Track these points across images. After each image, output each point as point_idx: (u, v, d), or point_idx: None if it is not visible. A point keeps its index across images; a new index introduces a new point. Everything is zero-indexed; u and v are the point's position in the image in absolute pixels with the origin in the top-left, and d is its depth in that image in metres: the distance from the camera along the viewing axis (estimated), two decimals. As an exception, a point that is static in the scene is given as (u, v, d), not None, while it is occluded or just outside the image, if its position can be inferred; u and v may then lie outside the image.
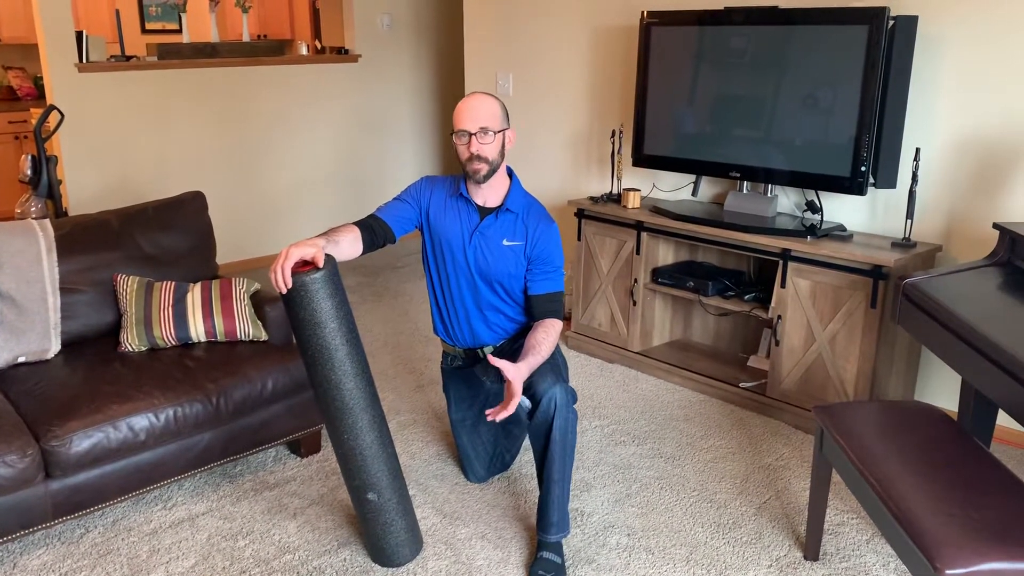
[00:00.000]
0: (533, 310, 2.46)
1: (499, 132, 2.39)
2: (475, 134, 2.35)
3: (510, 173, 2.53)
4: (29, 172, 3.98)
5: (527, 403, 2.84)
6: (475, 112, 2.36)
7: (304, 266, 2.07)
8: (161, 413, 2.50)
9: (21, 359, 2.69)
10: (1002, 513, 1.79)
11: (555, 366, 2.41)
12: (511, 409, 2.17)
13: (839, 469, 2.17)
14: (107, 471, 2.45)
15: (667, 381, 3.65)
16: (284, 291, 2.06)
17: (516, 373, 2.17)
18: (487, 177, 2.41)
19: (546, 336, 2.34)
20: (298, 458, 2.96)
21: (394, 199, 2.54)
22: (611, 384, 3.63)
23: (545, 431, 2.29)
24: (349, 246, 2.33)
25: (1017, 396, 1.95)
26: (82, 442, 2.35)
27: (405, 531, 2.31)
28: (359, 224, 2.40)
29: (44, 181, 4.01)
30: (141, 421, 2.46)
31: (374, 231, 2.42)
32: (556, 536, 2.33)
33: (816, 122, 3.16)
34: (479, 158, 2.37)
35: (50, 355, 2.74)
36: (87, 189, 4.72)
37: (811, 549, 2.38)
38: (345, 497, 2.70)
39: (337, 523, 2.57)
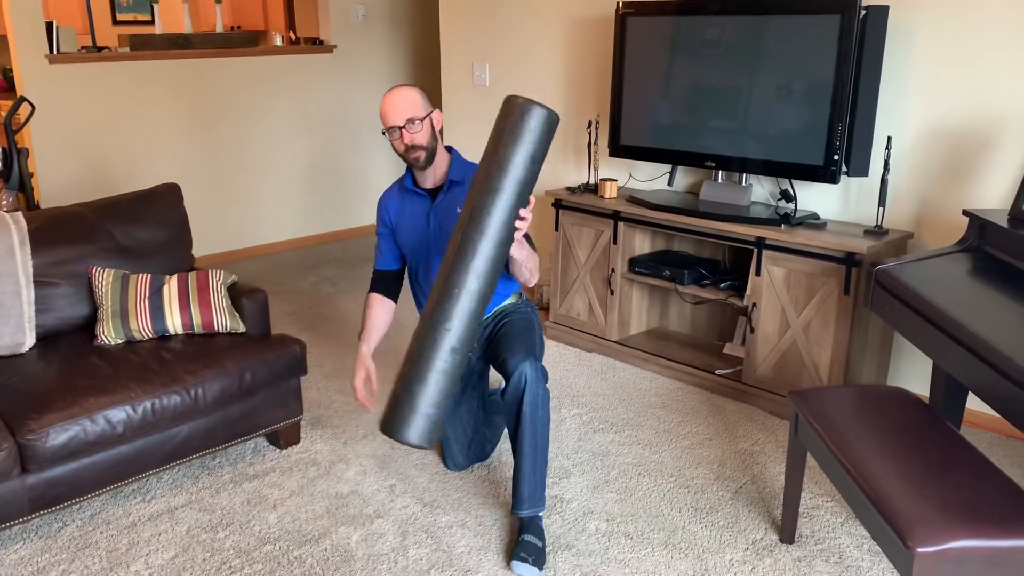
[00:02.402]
0: None
1: (425, 118, 2.49)
2: (403, 127, 2.46)
3: (450, 150, 2.65)
4: (0, 165, 3.93)
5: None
6: (397, 106, 2.47)
7: None
8: (138, 405, 2.48)
9: (-5, 353, 2.66)
10: (971, 492, 1.83)
11: (529, 343, 2.48)
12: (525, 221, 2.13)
13: (813, 453, 2.21)
14: (84, 464, 2.44)
15: (644, 369, 3.68)
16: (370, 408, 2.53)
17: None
18: (428, 161, 2.54)
19: (526, 260, 2.38)
20: (277, 449, 2.96)
21: (378, 241, 2.73)
22: (589, 373, 3.66)
23: (516, 406, 2.35)
24: (384, 319, 2.68)
25: (986, 379, 1.99)
26: (59, 435, 2.34)
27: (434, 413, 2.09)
28: (375, 291, 2.70)
29: (15, 174, 3.96)
30: (118, 414, 2.45)
31: (389, 285, 2.71)
32: (528, 511, 2.35)
33: (790, 111, 3.19)
34: (414, 147, 2.49)
35: (24, 349, 2.72)
36: (59, 182, 4.66)
37: (786, 532, 2.42)
38: (325, 487, 2.70)
39: (317, 514, 2.57)
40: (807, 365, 3.14)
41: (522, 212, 2.10)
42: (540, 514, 2.39)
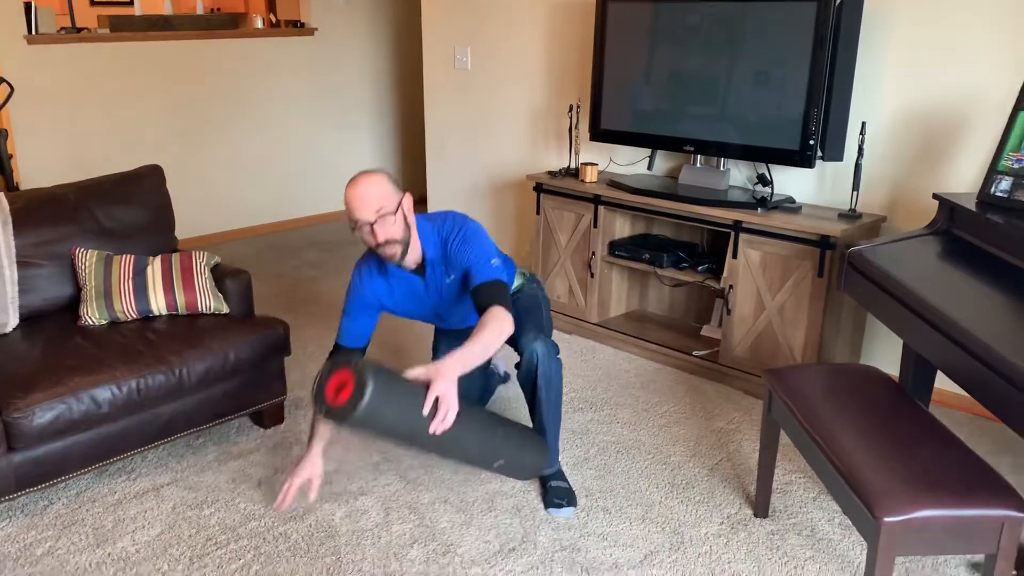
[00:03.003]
0: (476, 306, 2.33)
1: (397, 208, 2.26)
2: (375, 222, 2.22)
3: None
4: (-21, 146, 3.91)
5: (501, 366, 2.92)
6: (366, 198, 2.22)
7: (339, 395, 1.97)
8: (123, 385, 2.51)
9: (-21, 333, 2.67)
10: (936, 466, 1.90)
11: (537, 321, 2.53)
12: (447, 421, 2.05)
13: (786, 429, 2.27)
14: (70, 443, 2.46)
15: (624, 351, 3.74)
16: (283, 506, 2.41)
17: (441, 384, 2.05)
18: (404, 254, 2.31)
19: (482, 327, 2.20)
20: (261, 429, 3.00)
21: (344, 317, 2.51)
22: (570, 354, 3.71)
23: (531, 381, 2.46)
24: None
25: (953, 357, 2.06)
26: (44, 414, 2.36)
27: (533, 463, 2.49)
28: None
29: (-5, 155, 3.95)
30: (104, 393, 2.47)
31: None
32: (553, 468, 2.58)
33: (767, 97, 3.24)
34: (389, 243, 2.26)
35: (8, 329, 2.73)
36: (38, 163, 4.64)
37: (760, 506, 2.49)
38: (309, 466, 2.74)
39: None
40: (782, 346, 3.21)
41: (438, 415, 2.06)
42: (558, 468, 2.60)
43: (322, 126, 5.94)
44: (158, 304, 2.83)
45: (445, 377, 2.06)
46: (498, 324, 2.21)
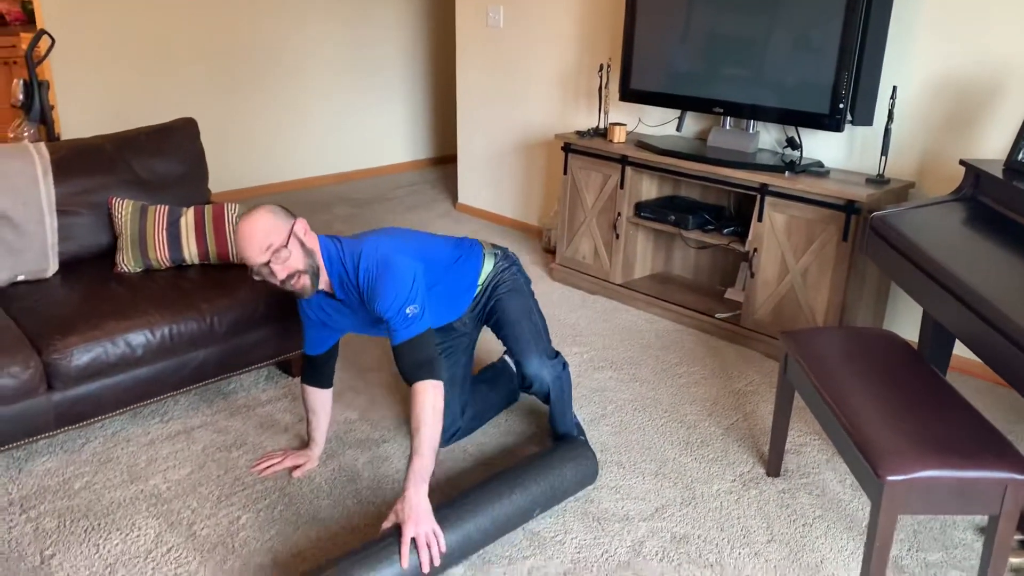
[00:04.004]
0: (400, 372, 2.17)
1: (288, 239, 2.09)
2: (269, 262, 2.08)
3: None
4: (21, 97, 4.00)
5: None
6: (250, 239, 2.06)
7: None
8: (157, 331, 2.60)
9: (20, 277, 2.78)
10: (944, 429, 1.92)
11: (535, 334, 2.43)
12: (434, 554, 1.95)
13: (801, 391, 2.30)
14: (106, 384, 2.56)
15: (647, 312, 3.78)
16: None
17: (410, 526, 1.94)
18: (315, 282, 2.17)
19: (417, 423, 2.06)
20: (289, 377, 3.09)
21: (303, 327, 2.42)
22: (592, 314, 3.75)
23: (544, 397, 2.48)
24: (325, 408, 2.52)
25: (969, 325, 2.07)
26: (82, 356, 2.46)
27: (575, 481, 2.37)
28: (308, 383, 2.48)
29: (36, 106, 4.04)
30: (138, 338, 2.56)
31: (321, 371, 2.46)
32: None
33: (798, 60, 3.22)
34: (291, 276, 2.11)
35: (48, 274, 2.83)
36: (78, 114, 4.74)
37: (773, 466, 2.53)
38: (335, 413, 2.82)
39: (327, 437, 2.69)
40: (804, 310, 3.22)
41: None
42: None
43: (355, 83, 5.98)
44: (191, 253, 2.92)
45: (414, 515, 1.96)
46: (431, 412, 2.06)
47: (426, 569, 1.94)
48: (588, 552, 2.19)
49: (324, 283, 2.22)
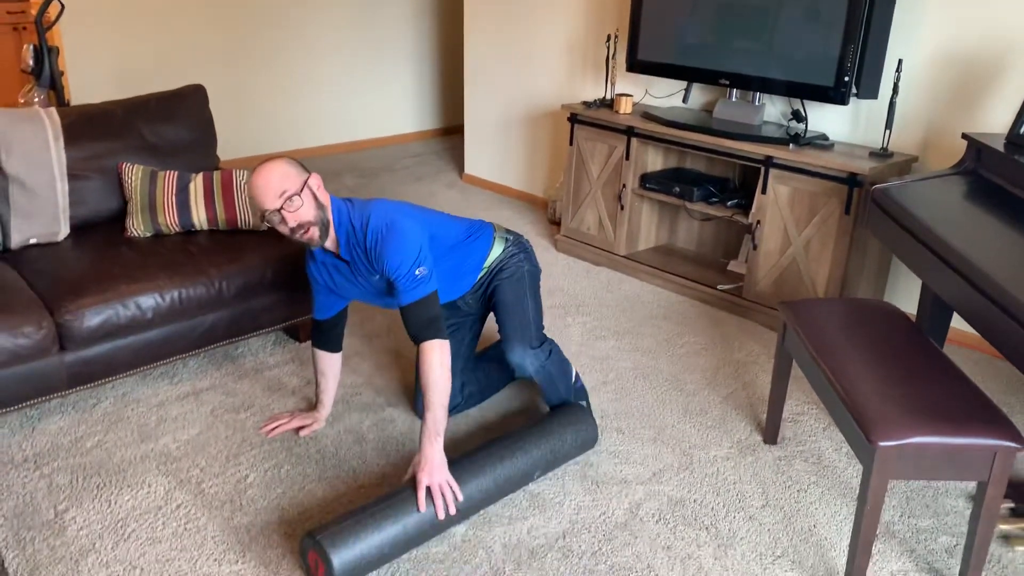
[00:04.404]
0: (408, 332, 2.21)
1: (302, 189, 2.13)
2: (282, 208, 2.10)
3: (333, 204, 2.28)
4: (31, 62, 4.03)
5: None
6: (266, 186, 2.09)
7: (319, 570, 1.96)
8: (166, 294, 2.65)
9: (33, 240, 2.83)
10: (937, 397, 1.95)
11: (522, 322, 2.42)
12: (449, 503, 2.05)
13: (798, 360, 2.34)
14: (117, 346, 2.61)
15: (650, 283, 3.81)
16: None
17: (424, 476, 2.04)
18: (324, 235, 2.19)
19: (425, 384, 2.12)
20: (296, 342, 3.14)
21: (312, 292, 2.47)
22: (596, 285, 3.79)
23: (528, 379, 2.50)
24: (334, 371, 2.56)
25: (967, 298, 2.09)
26: (93, 318, 2.51)
27: (575, 446, 2.43)
28: (319, 347, 2.52)
29: (46, 72, 4.06)
30: (148, 300, 2.61)
31: (329, 335, 2.50)
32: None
33: (804, 32, 3.22)
34: (302, 226, 2.14)
35: (60, 238, 2.88)
36: (88, 80, 4.77)
37: (769, 433, 2.58)
38: (342, 378, 2.86)
39: (332, 400, 2.75)
40: (805, 282, 3.25)
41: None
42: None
43: (363, 53, 5.98)
44: (200, 219, 2.96)
45: (428, 466, 2.05)
46: (440, 369, 2.12)
47: (441, 516, 2.02)
48: (586, 513, 2.24)
49: (331, 240, 2.24)
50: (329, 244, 2.25)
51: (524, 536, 2.15)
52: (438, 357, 2.13)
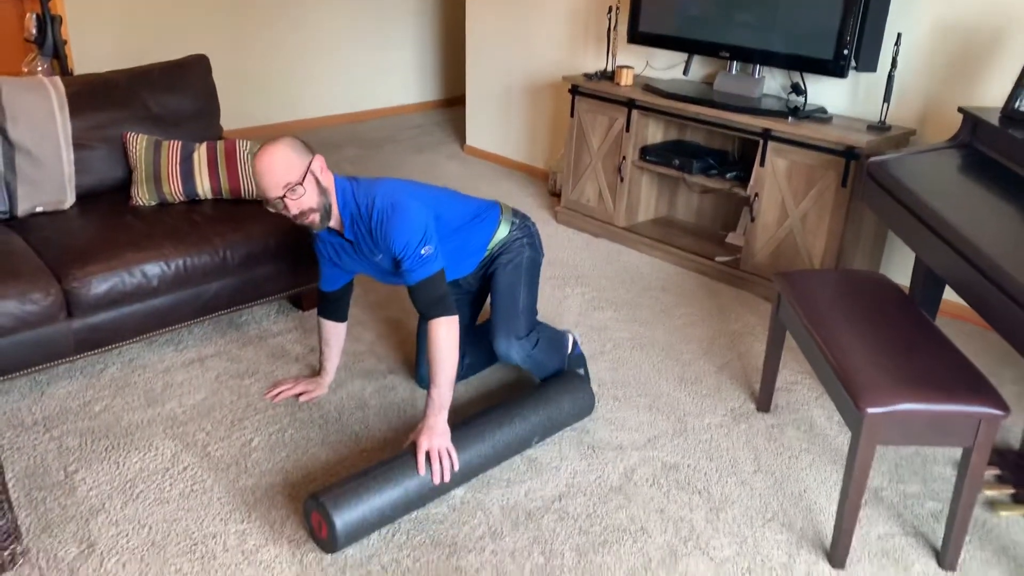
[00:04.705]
0: (417, 310, 2.28)
1: (305, 176, 2.12)
2: (284, 196, 2.11)
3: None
4: (34, 31, 4.04)
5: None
6: (270, 174, 2.10)
7: (322, 530, 2.01)
8: (171, 262, 2.69)
9: (39, 209, 2.86)
10: (926, 366, 2.00)
11: (511, 309, 2.42)
12: (445, 470, 2.11)
13: (791, 330, 2.39)
14: (123, 313, 2.66)
15: (649, 255, 3.85)
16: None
17: (424, 440, 2.11)
18: (326, 220, 2.21)
19: (434, 359, 2.18)
20: (300, 311, 3.19)
21: (319, 263, 2.49)
22: (596, 257, 3.83)
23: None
24: (338, 340, 2.61)
25: (959, 271, 2.13)
26: (100, 285, 2.56)
27: (572, 413, 2.49)
28: (324, 316, 2.56)
29: (49, 41, 4.07)
30: (153, 268, 2.66)
31: (336, 306, 2.54)
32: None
33: (804, 5, 3.23)
34: (303, 214, 2.15)
35: (66, 206, 2.92)
36: (91, 49, 4.78)
37: (763, 402, 2.63)
38: (344, 345, 2.91)
39: (335, 368, 2.80)
40: (802, 254, 3.29)
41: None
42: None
43: (365, 23, 5.97)
44: (204, 188, 2.99)
45: (429, 432, 2.12)
46: (448, 345, 2.17)
47: (436, 480, 2.08)
48: (582, 477, 2.30)
49: (335, 221, 2.26)
50: (333, 224, 2.27)
51: (521, 498, 2.21)
52: (446, 333, 2.17)
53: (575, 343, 2.68)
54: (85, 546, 2.01)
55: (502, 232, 2.48)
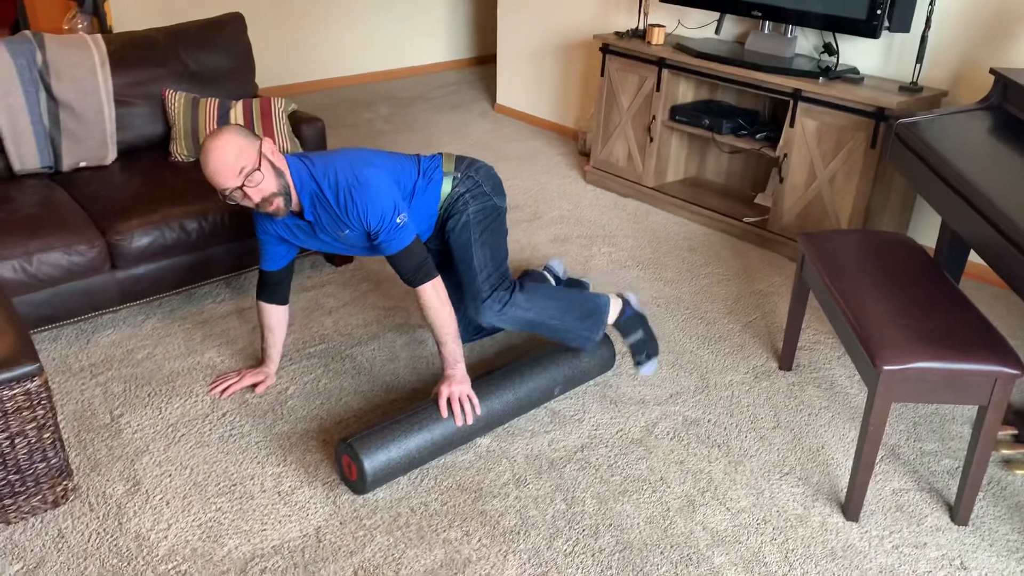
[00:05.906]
0: (401, 278, 2.26)
1: (259, 162, 2.05)
2: (243, 185, 2.04)
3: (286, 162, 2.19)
4: (75, -11, 4.12)
5: (558, 269, 2.89)
6: (223, 164, 2.02)
7: (351, 472, 2.09)
8: (209, 217, 2.78)
9: (82, 164, 2.96)
10: (944, 326, 2.03)
11: (468, 279, 2.34)
12: (467, 412, 2.19)
13: (815, 290, 2.42)
14: (164, 266, 2.76)
15: (677, 215, 3.87)
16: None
17: (444, 388, 2.20)
18: (288, 204, 2.15)
19: (433, 323, 2.23)
20: (333, 267, 3.27)
21: (260, 243, 2.39)
22: (623, 216, 3.86)
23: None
24: (281, 325, 2.48)
25: (983, 234, 2.14)
26: (141, 238, 2.66)
27: (593, 365, 2.53)
28: (264, 300, 2.44)
29: (89, -2, 4.16)
30: (192, 223, 2.75)
31: (277, 287, 2.43)
32: (590, 348, 2.48)
33: (839, -38, 3.20)
34: (266, 200, 2.09)
35: (108, 161, 3.01)
36: (128, 6, 4.84)
37: (785, 360, 2.68)
38: (375, 300, 3.02)
39: (367, 321, 2.89)
40: (830, 215, 3.30)
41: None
42: (608, 326, 2.51)
43: (397, -21, 5.97)
44: (240, 145, 3.06)
45: (449, 381, 2.21)
46: (440, 305, 2.21)
47: (459, 423, 2.18)
48: (604, 430, 2.37)
49: (294, 203, 2.19)
50: (293, 207, 2.19)
51: (545, 448, 2.29)
52: (434, 295, 2.21)
53: (626, 304, 2.56)
54: (131, 484, 2.12)
55: (445, 188, 2.37)
